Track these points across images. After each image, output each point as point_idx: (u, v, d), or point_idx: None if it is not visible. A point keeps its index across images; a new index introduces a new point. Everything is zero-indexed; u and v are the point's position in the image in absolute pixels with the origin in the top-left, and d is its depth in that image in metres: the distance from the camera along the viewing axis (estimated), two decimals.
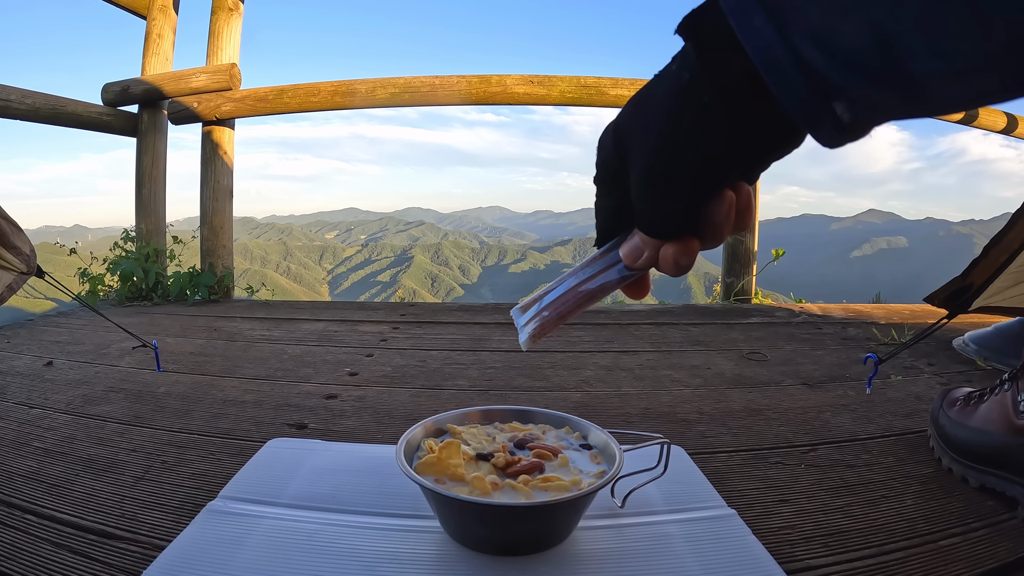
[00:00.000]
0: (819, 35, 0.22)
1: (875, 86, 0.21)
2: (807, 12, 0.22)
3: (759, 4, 0.23)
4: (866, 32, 0.20)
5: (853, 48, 0.21)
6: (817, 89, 0.22)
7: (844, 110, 0.23)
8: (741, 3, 0.23)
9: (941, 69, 0.20)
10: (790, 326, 1.32)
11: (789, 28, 0.22)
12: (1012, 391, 0.54)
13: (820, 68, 0.22)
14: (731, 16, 0.24)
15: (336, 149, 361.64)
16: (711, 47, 0.25)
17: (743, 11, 0.23)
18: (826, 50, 0.22)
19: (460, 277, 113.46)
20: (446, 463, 0.43)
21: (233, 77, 1.82)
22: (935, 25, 0.19)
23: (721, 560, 0.42)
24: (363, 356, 1.06)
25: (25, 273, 0.88)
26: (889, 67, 0.21)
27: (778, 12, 0.22)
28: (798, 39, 0.22)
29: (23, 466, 0.60)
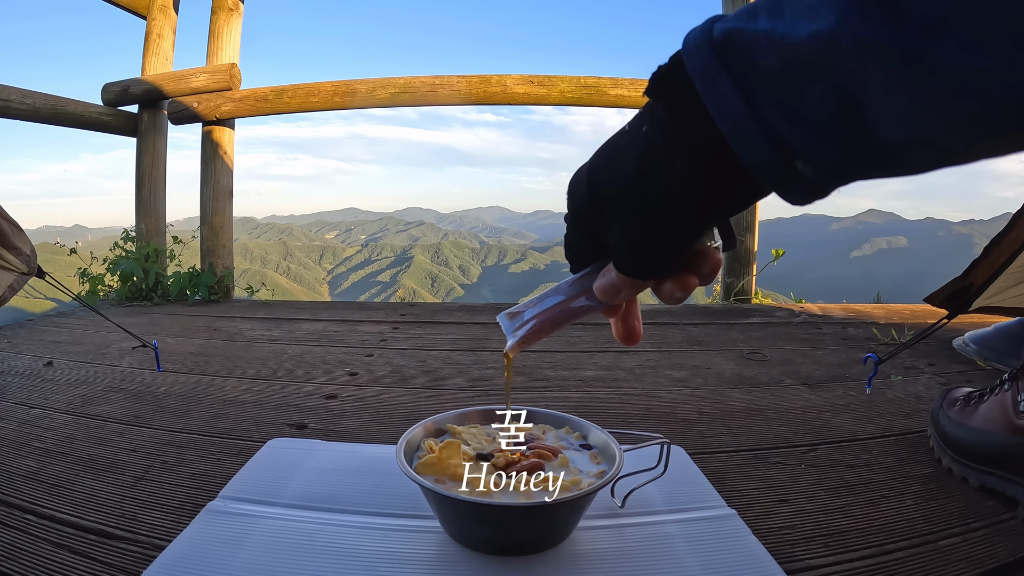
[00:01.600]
0: (784, 101, 0.22)
1: (840, 152, 0.21)
2: (772, 78, 0.22)
3: (724, 69, 0.23)
4: (831, 98, 0.20)
5: (818, 114, 0.21)
6: (783, 154, 0.22)
7: (811, 173, 0.23)
8: (707, 67, 0.23)
9: (906, 136, 0.20)
10: (790, 326, 1.32)
11: (754, 94, 0.22)
12: (1012, 391, 0.54)
13: (786, 135, 0.22)
14: (697, 80, 0.24)
15: (336, 149, 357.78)
16: (681, 110, 0.25)
17: (709, 76, 0.23)
18: (791, 117, 0.22)
19: (460, 277, 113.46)
20: (446, 463, 0.43)
21: (233, 77, 1.82)
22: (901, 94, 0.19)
23: (721, 560, 0.42)
24: (363, 356, 1.06)
25: (26, 273, 0.88)
26: (854, 134, 0.21)
27: (743, 78, 0.22)
28: (764, 106, 0.22)
29: (23, 466, 0.60)
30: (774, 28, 0.21)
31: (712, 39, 0.23)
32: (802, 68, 0.20)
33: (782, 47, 0.21)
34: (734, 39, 0.23)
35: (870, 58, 0.19)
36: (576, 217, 0.32)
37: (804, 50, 0.20)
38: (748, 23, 0.22)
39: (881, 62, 0.19)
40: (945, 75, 0.17)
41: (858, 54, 0.19)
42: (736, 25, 0.23)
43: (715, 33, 0.23)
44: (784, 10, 0.21)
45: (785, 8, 0.21)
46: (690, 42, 0.24)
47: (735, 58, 0.23)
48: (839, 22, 0.19)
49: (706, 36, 0.24)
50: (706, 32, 0.24)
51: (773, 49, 0.21)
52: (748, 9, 0.23)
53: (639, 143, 0.27)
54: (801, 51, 0.20)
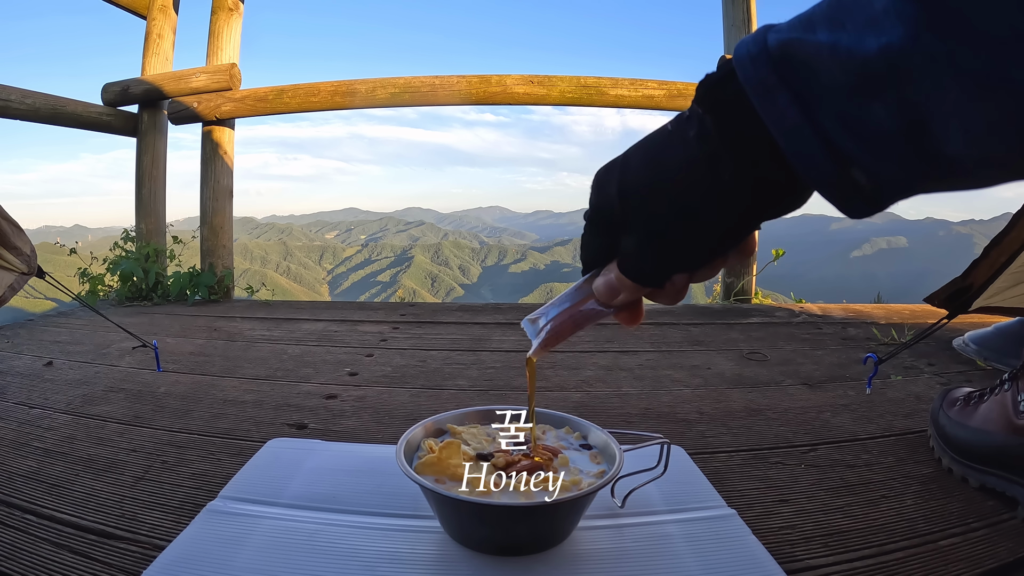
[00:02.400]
0: (849, 117, 0.21)
1: (906, 167, 0.21)
2: (836, 92, 0.21)
3: (782, 83, 0.22)
4: (900, 114, 0.20)
5: (885, 130, 0.20)
6: (846, 170, 0.22)
7: (874, 189, 0.22)
8: (763, 81, 0.22)
9: (975, 154, 0.19)
10: (790, 326, 1.32)
11: (816, 109, 0.21)
12: (1012, 391, 0.54)
13: (850, 151, 0.21)
14: (753, 94, 0.23)
15: (335, 149, 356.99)
16: (732, 123, 0.24)
17: (766, 90, 0.22)
18: (856, 132, 0.21)
19: (460, 277, 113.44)
20: (446, 463, 0.43)
21: (233, 77, 1.82)
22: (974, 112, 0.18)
23: (721, 560, 0.42)
24: (363, 356, 1.06)
25: (26, 273, 0.88)
26: (921, 150, 0.20)
27: (803, 92, 0.22)
28: (826, 121, 0.21)
29: (23, 466, 0.60)
30: (838, 41, 0.20)
31: (768, 51, 0.22)
32: (869, 83, 0.20)
33: (848, 61, 0.20)
34: (793, 52, 0.22)
35: (943, 75, 0.18)
36: (599, 215, 0.30)
37: (873, 64, 0.19)
38: (807, 35, 0.21)
39: (954, 79, 0.18)
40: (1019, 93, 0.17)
41: (931, 70, 0.18)
42: (794, 36, 0.22)
43: (771, 44, 0.22)
44: (845, 22, 0.20)
45: (846, 20, 0.20)
46: (743, 53, 0.23)
47: (794, 72, 0.22)
48: (911, 37, 0.18)
49: (761, 47, 0.23)
50: (760, 43, 0.23)
51: (837, 63, 0.20)
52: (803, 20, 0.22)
53: (684, 150, 0.26)
54: (869, 65, 0.19)
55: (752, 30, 1.86)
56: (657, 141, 0.28)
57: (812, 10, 0.22)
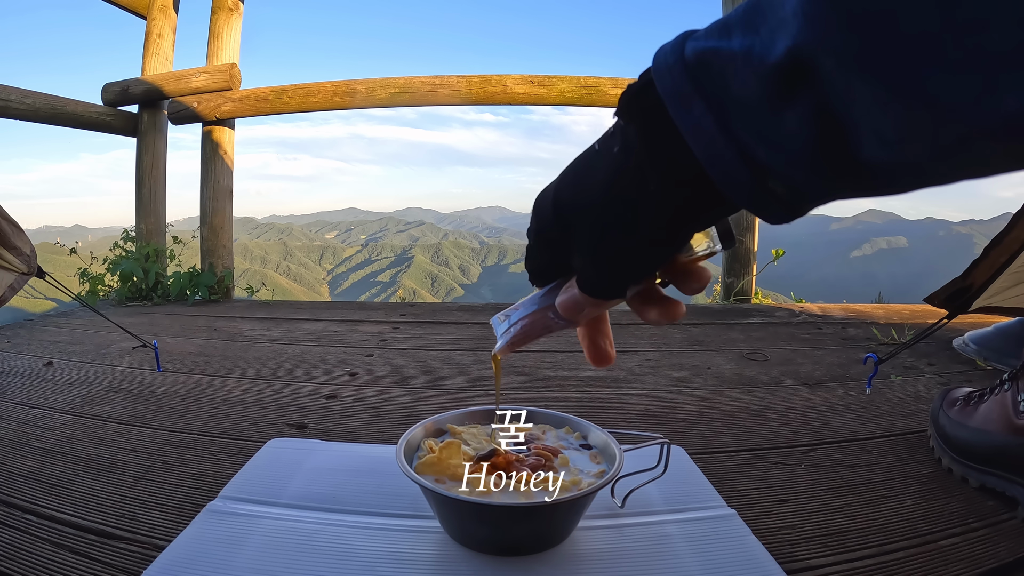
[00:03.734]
0: (762, 126, 0.20)
1: (821, 174, 0.20)
2: (748, 101, 0.20)
3: (697, 93, 0.22)
4: (809, 121, 0.19)
5: (798, 138, 0.20)
6: (761, 178, 0.21)
7: (790, 196, 0.22)
8: (679, 90, 0.22)
9: (890, 159, 0.19)
10: (790, 326, 1.32)
11: (729, 119, 0.21)
12: (1012, 391, 0.54)
13: (763, 159, 0.21)
14: (669, 104, 0.23)
15: (335, 149, 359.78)
16: (653, 133, 0.24)
17: (682, 100, 0.22)
18: (769, 141, 0.21)
19: (460, 277, 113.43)
20: (446, 463, 0.43)
21: (233, 77, 1.82)
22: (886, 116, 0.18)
23: (721, 560, 0.42)
24: (363, 356, 1.06)
25: (26, 273, 0.88)
26: (835, 156, 0.20)
27: (718, 101, 0.21)
28: (740, 131, 0.21)
29: (23, 466, 0.60)
30: (751, 47, 0.20)
31: (684, 60, 0.22)
32: (780, 89, 0.19)
33: (760, 67, 0.20)
34: (708, 60, 0.21)
35: (852, 77, 0.18)
36: (540, 236, 0.31)
37: (782, 69, 0.19)
38: (722, 41, 0.21)
39: (864, 81, 0.18)
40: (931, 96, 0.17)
41: (840, 72, 0.18)
42: (709, 45, 0.22)
43: (687, 53, 0.22)
44: (759, 27, 0.20)
45: (760, 23, 0.20)
46: (661, 61, 0.23)
47: (709, 81, 0.21)
48: (820, 36, 0.18)
49: (677, 56, 0.22)
50: (677, 52, 0.23)
51: (750, 70, 0.20)
52: (720, 24, 0.22)
53: (609, 164, 0.26)
54: (780, 70, 0.19)
55: None
56: (585, 160, 0.28)
57: (730, 15, 0.22)
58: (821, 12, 0.18)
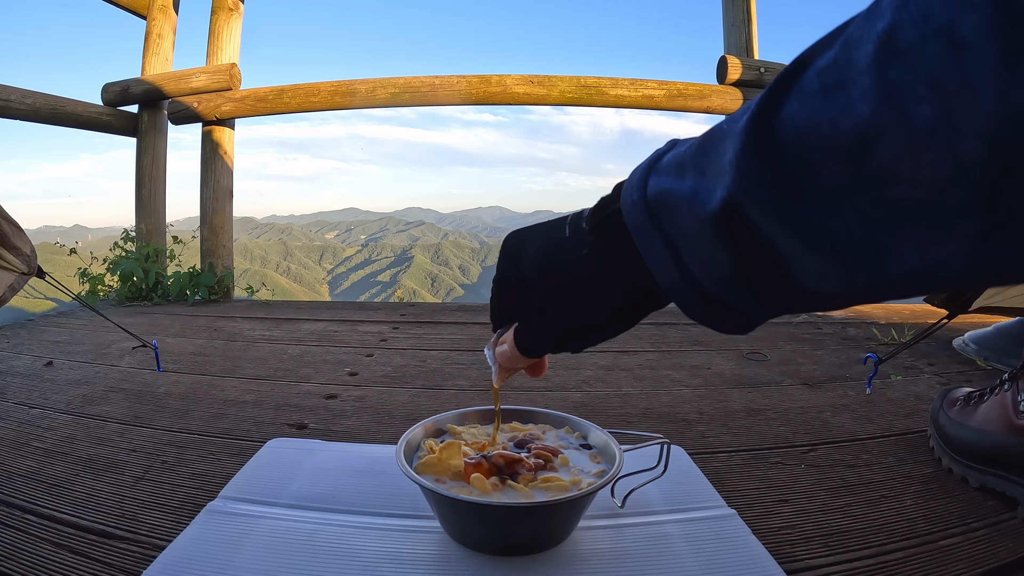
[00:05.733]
0: (705, 262, 0.23)
1: (763, 301, 0.23)
2: (694, 240, 0.23)
3: (656, 229, 0.25)
4: (745, 261, 0.22)
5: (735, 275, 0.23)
6: (713, 305, 0.24)
7: (740, 319, 0.25)
8: (641, 226, 0.25)
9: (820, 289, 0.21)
10: (790, 326, 1.32)
11: (681, 253, 0.24)
12: (1012, 391, 0.54)
13: (711, 290, 0.24)
14: (634, 235, 0.26)
15: (335, 149, 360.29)
16: (618, 256, 0.28)
17: (644, 234, 0.25)
18: (712, 276, 0.23)
19: (460, 277, 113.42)
20: (446, 463, 0.43)
21: (233, 77, 1.82)
22: (809, 256, 0.20)
23: (721, 560, 0.42)
24: (363, 356, 1.06)
25: (26, 274, 0.88)
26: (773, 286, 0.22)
27: (671, 238, 0.24)
28: (691, 264, 0.24)
29: (23, 466, 0.60)
30: (696, 191, 0.23)
31: (647, 199, 0.25)
32: (717, 233, 0.22)
33: (701, 212, 0.22)
34: (663, 200, 0.25)
35: (776, 227, 0.20)
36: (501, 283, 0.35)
37: (718, 215, 0.21)
38: (676, 182, 0.24)
39: (786, 233, 0.20)
40: (841, 254, 0.19)
41: (766, 221, 0.20)
42: (666, 186, 0.25)
43: (649, 193, 0.25)
44: (705, 170, 0.23)
45: (706, 166, 0.23)
46: (627, 196, 0.27)
47: (665, 219, 0.25)
48: (744, 190, 0.20)
49: (640, 194, 0.26)
50: (641, 189, 0.26)
51: (693, 214, 0.23)
52: (678, 162, 0.25)
53: (576, 263, 0.30)
54: (716, 218, 0.22)
55: (752, 30, 1.87)
56: (555, 240, 0.32)
57: (685, 153, 0.24)
58: (751, 169, 0.20)
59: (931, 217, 0.16)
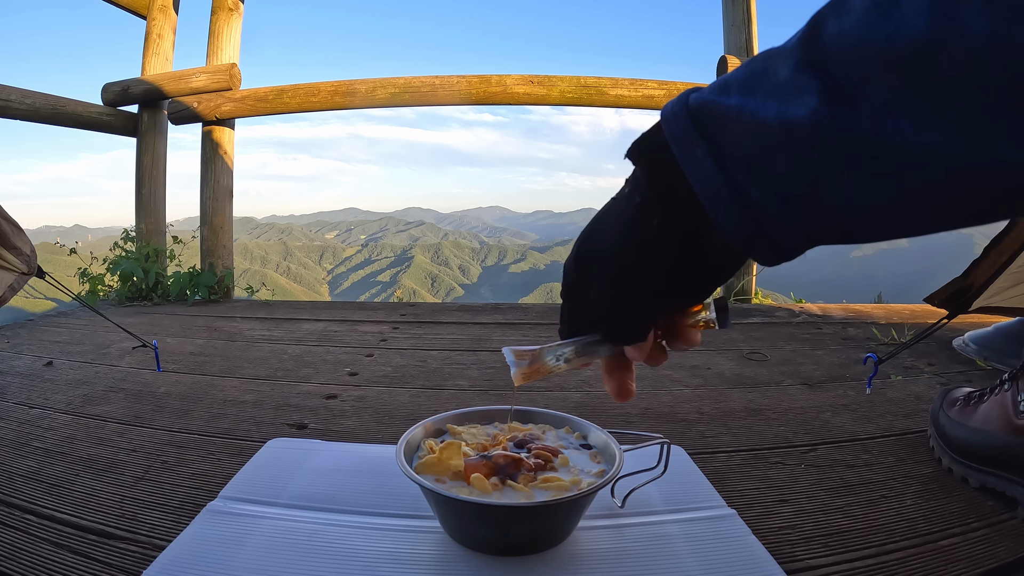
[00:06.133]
0: (754, 171, 0.23)
1: (804, 216, 0.23)
2: (742, 147, 0.23)
3: (700, 136, 0.24)
4: (794, 169, 0.22)
5: (782, 182, 0.22)
6: (753, 217, 0.24)
7: (779, 236, 0.24)
8: (684, 133, 0.25)
9: (862, 207, 0.21)
10: (790, 326, 1.32)
11: (727, 161, 0.24)
12: (1012, 391, 0.54)
13: (755, 199, 0.23)
14: (674, 145, 0.25)
15: (335, 149, 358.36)
16: (658, 172, 0.27)
17: (686, 141, 0.25)
18: (760, 183, 0.23)
19: (460, 277, 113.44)
20: (446, 463, 0.43)
21: (233, 77, 1.82)
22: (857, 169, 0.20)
23: (721, 560, 0.42)
24: (363, 356, 1.06)
25: (26, 273, 0.88)
26: (814, 202, 0.22)
27: (717, 145, 0.24)
28: (736, 172, 0.24)
29: (23, 466, 0.60)
30: (744, 104, 0.23)
31: (688, 108, 0.25)
32: (768, 142, 0.22)
33: (751, 123, 0.22)
34: (708, 109, 0.24)
35: (827, 138, 0.20)
36: (569, 291, 0.33)
37: (771, 128, 0.22)
38: (720, 97, 0.24)
39: (837, 142, 0.20)
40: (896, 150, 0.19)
41: (817, 136, 0.21)
42: (710, 97, 0.24)
43: (691, 103, 0.25)
44: (755, 88, 0.23)
45: (756, 87, 0.23)
46: (668, 111, 0.26)
47: (708, 127, 0.24)
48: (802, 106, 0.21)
49: (682, 105, 0.25)
50: (682, 102, 0.26)
51: (743, 123, 0.23)
52: (721, 83, 0.25)
53: (620, 204, 0.29)
54: (768, 128, 0.22)
55: (752, 30, 1.87)
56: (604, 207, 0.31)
57: (731, 74, 0.24)
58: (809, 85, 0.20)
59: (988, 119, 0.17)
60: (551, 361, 0.35)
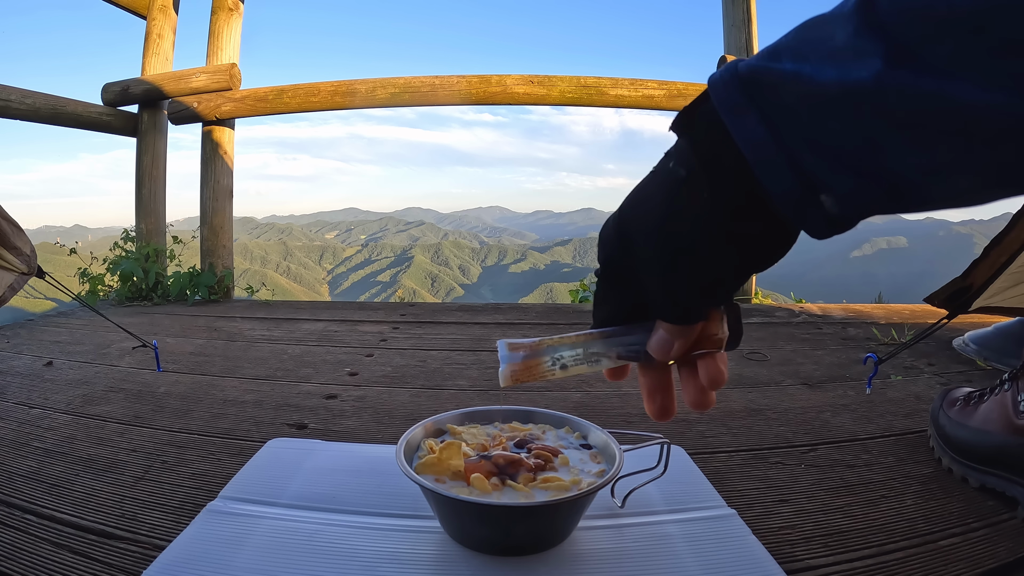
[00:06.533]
0: (808, 134, 0.23)
1: (860, 183, 0.22)
2: (797, 113, 0.23)
3: (751, 103, 0.24)
4: (853, 133, 0.21)
5: (839, 148, 0.22)
6: (806, 185, 0.23)
7: (832, 205, 0.23)
8: (733, 100, 0.24)
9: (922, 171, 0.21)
10: (790, 326, 1.32)
11: (780, 127, 0.23)
12: (1012, 391, 0.54)
13: (809, 165, 0.23)
14: (723, 112, 0.24)
15: (335, 149, 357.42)
16: (705, 142, 0.26)
17: (735, 108, 0.24)
18: (816, 149, 0.22)
19: (460, 277, 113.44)
20: (446, 463, 0.43)
21: (233, 77, 1.82)
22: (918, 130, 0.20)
23: (721, 560, 0.42)
24: (363, 356, 1.06)
25: (26, 273, 0.88)
26: (872, 166, 0.22)
27: (769, 111, 0.23)
28: (788, 138, 0.23)
29: (23, 466, 0.60)
30: (800, 70, 0.22)
31: (738, 75, 0.24)
32: (826, 107, 0.22)
33: (809, 87, 0.22)
34: (760, 76, 0.24)
35: (890, 99, 0.20)
36: (608, 265, 0.31)
37: (830, 92, 0.21)
38: (772, 63, 0.23)
39: (900, 103, 0.20)
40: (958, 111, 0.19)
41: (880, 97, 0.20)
42: (761, 64, 0.24)
43: (740, 69, 0.24)
44: (808, 55, 0.22)
45: (809, 53, 0.22)
46: (715, 79, 0.25)
47: (760, 93, 0.24)
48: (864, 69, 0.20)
49: (731, 72, 0.25)
50: (731, 69, 0.25)
51: (799, 88, 0.22)
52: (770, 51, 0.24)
53: (665, 179, 0.27)
54: (827, 92, 0.21)
55: (752, 30, 1.87)
56: (644, 181, 0.29)
57: (778, 42, 0.24)
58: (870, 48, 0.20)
59: None
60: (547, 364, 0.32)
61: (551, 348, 0.32)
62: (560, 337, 0.32)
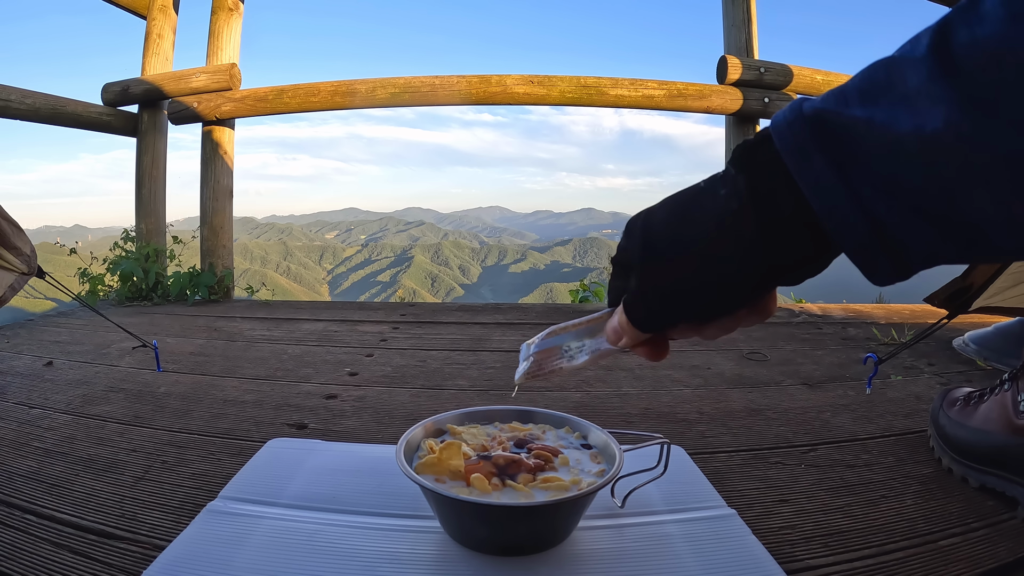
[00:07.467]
0: (881, 182, 0.22)
1: (936, 234, 0.22)
2: (870, 160, 0.22)
3: (819, 147, 0.23)
4: (930, 182, 0.21)
5: (919, 196, 0.21)
6: (878, 234, 0.23)
7: (904, 253, 0.23)
8: (799, 144, 0.24)
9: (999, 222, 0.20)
10: (790, 326, 1.32)
11: (850, 172, 0.22)
12: (1012, 391, 0.54)
13: (880, 213, 0.22)
14: (787, 157, 0.24)
15: (334, 149, 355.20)
16: (762, 183, 0.25)
17: (802, 153, 0.24)
18: (890, 196, 0.22)
19: (460, 277, 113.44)
20: (446, 463, 0.43)
21: (233, 77, 1.82)
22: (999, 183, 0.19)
23: (721, 560, 0.42)
24: (363, 356, 1.06)
25: (26, 274, 0.88)
26: (951, 218, 0.21)
27: (839, 156, 0.23)
28: (859, 183, 0.22)
29: (23, 466, 0.60)
30: (872, 117, 0.22)
31: (804, 117, 0.24)
32: (902, 156, 0.21)
33: (882, 135, 0.21)
34: (829, 121, 0.23)
35: (969, 151, 0.19)
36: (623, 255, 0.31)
37: (904, 141, 0.21)
38: (841, 107, 0.23)
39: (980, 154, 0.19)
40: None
41: (959, 148, 0.20)
42: (829, 107, 0.23)
43: (806, 112, 0.24)
44: (879, 99, 0.22)
45: (880, 97, 0.22)
46: (780, 121, 0.25)
47: (829, 137, 0.23)
48: (942, 118, 0.20)
49: (797, 114, 0.24)
50: (796, 111, 0.24)
51: (872, 136, 0.22)
52: (837, 94, 0.23)
53: (714, 206, 0.27)
54: (901, 141, 0.21)
55: (752, 30, 1.87)
56: (687, 195, 0.29)
57: (845, 86, 0.23)
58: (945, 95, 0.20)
59: None
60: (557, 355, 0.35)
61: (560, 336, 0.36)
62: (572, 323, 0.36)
